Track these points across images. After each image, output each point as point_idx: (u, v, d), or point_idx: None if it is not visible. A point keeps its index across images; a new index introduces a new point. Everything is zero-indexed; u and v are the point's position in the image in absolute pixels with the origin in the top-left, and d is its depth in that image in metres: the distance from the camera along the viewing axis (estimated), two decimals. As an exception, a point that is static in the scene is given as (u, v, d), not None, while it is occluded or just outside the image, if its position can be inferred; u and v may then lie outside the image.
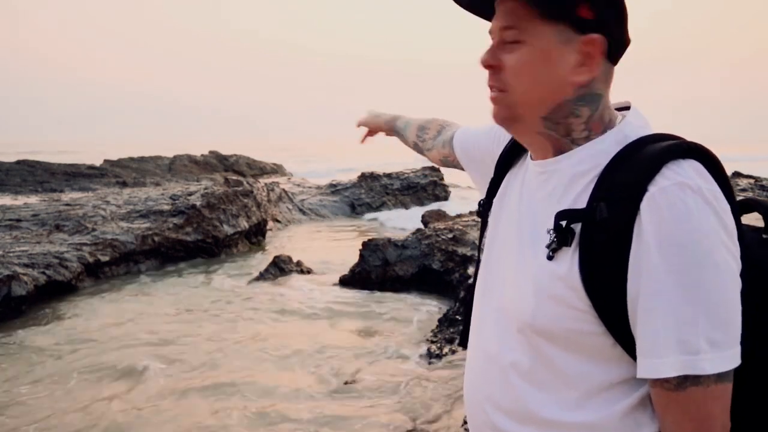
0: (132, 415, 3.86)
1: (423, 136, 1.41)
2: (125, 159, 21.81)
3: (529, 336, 0.87)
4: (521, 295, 0.87)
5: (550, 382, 0.86)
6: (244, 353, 4.99)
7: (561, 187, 0.87)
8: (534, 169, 0.93)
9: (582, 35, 0.83)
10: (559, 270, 0.82)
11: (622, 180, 0.79)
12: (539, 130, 0.89)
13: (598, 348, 0.83)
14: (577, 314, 0.82)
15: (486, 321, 0.97)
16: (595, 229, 0.79)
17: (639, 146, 0.82)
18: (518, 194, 0.96)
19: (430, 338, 4.98)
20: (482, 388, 0.96)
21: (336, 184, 15.91)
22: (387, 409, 3.75)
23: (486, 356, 0.95)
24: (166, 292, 6.95)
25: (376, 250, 6.96)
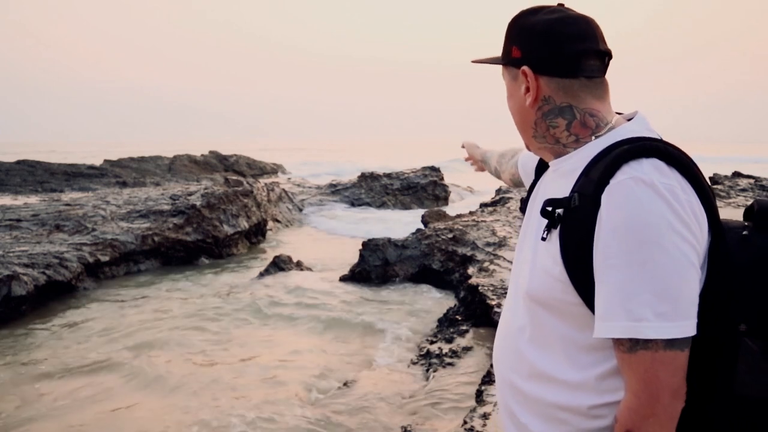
0: (127, 415, 3.87)
1: (501, 161, 1.70)
2: (125, 159, 21.80)
3: (528, 304, 1.06)
4: (525, 270, 1.07)
5: (545, 344, 1.04)
6: (240, 355, 4.99)
7: (559, 182, 1.06)
8: (550, 169, 1.15)
9: (518, 70, 1.07)
10: (549, 248, 1.00)
11: (592, 175, 0.96)
12: (537, 146, 1.13)
13: (577, 315, 0.98)
14: (561, 286, 0.98)
15: (510, 296, 1.19)
16: (570, 215, 0.97)
17: (614, 148, 0.98)
18: (541, 192, 1.17)
19: (430, 338, 4.97)
20: (501, 351, 1.17)
21: (336, 184, 15.91)
22: (385, 411, 3.75)
23: (505, 325, 1.17)
24: (165, 292, 6.95)
25: (376, 249, 6.96)
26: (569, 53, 1.02)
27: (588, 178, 0.96)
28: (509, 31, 1.10)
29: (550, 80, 1.04)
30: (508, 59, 1.09)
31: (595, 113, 1.05)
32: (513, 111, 1.12)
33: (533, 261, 1.05)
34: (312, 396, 4.09)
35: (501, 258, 5.95)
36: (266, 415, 3.81)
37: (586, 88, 1.04)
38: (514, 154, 1.63)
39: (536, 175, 1.26)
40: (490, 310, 4.68)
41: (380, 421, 3.60)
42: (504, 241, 6.46)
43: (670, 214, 0.88)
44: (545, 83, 1.05)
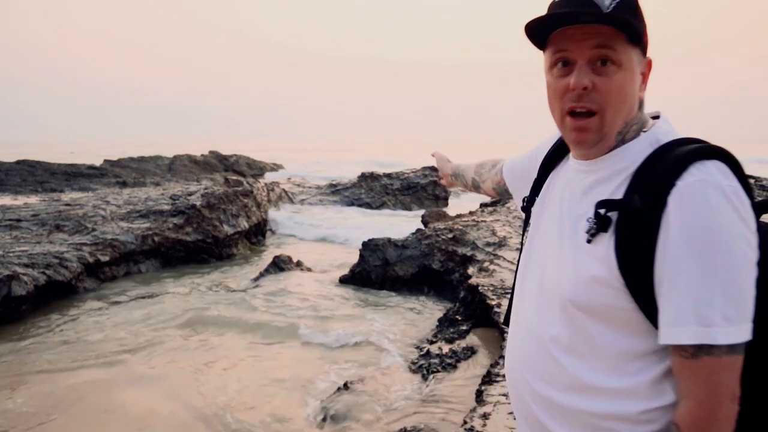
0: (125, 416, 3.86)
1: (480, 171, 1.60)
2: (125, 159, 21.82)
3: (570, 312, 1.00)
4: (564, 276, 1.00)
5: (587, 353, 0.99)
6: (239, 356, 4.99)
7: (601, 181, 1.00)
8: (577, 168, 1.06)
9: (644, 57, 0.99)
10: (597, 252, 0.95)
11: (654, 176, 0.92)
12: (611, 143, 1.01)
13: (629, 321, 0.95)
14: (612, 291, 0.94)
15: (526, 302, 1.11)
16: (629, 217, 0.92)
17: (670, 148, 0.95)
18: (561, 190, 1.10)
19: (430, 339, 4.97)
20: (524, 360, 1.09)
21: (336, 184, 15.92)
22: (385, 412, 3.75)
23: (527, 332, 1.09)
24: (165, 293, 6.94)
25: (376, 250, 6.95)
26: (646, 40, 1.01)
27: (649, 178, 0.92)
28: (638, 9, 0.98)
29: None
30: (640, 40, 0.98)
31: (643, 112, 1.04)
32: (627, 98, 0.98)
33: (575, 265, 0.98)
34: (312, 397, 4.09)
35: (501, 258, 5.95)
36: (266, 416, 3.81)
37: None
38: (495, 163, 1.55)
39: (542, 171, 1.20)
40: (490, 310, 4.68)
41: (380, 421, 3.60)
42: (504, 241, 6.46)
43: (737, 217, 0.87)
44: None
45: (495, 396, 3.22)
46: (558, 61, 0.99)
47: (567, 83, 0.97)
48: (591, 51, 0.95)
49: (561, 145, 1.16)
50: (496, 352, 4.11)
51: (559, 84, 0.99)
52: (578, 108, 0.97)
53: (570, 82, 0.96)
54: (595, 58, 0.95)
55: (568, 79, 0.97)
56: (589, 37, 0.95)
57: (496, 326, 4.47)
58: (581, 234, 0.99)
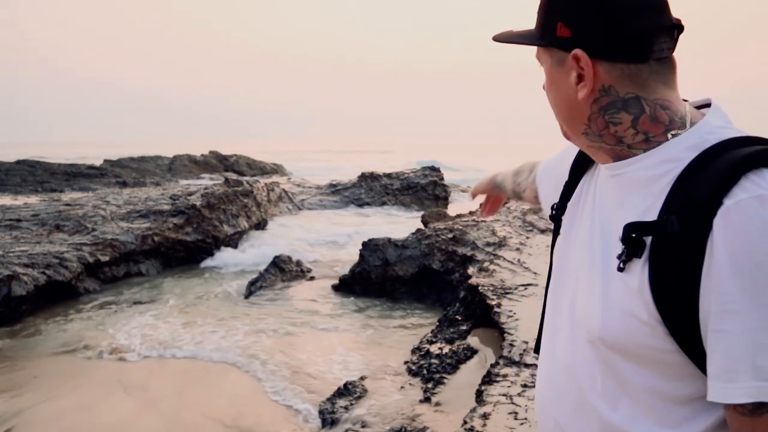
0: (124, 416, 3.86)
1: (518, 180, 1.41)
2: (125, 159, 21.82)
3: (600, 349, 0.84)
4: (592, 307, 0.84)
5: (623, 397, 0.83)
6: (238, 357, 4.99)
7: (630, 194, 0.84)
8: (605, 172, 0.91)
9: (568, 53, 0.84)
10: (630, 282, 0.79)
11: (696, 192, 0.74)
12: (588, 144, 0.90)
13: (670, 364, 0.79)
14: (648, 329, 0.78)
15: (558, 329, 0.96)
16: (665, 242, 0.75)
17: (717, 152, 0.76)
18: (592, 199, 0.94)
19: (430, 339, 4.97)
20: (553, 397, 0.95)
21: (336, 184, 15.91)
22: (385, 412, 3.75)
23: (558, 366, 0.94)
24: (165, 294, 6.94)
25: (376, 250, 6.95)
26: (636, 31, 0.80)
27: (689, 194, 0.74)
28: (550, 2, 0.86)
29: (611, 66, 0.82)
30: (551, 39, 0.85)
31: (668, 104, 0.83)
32: (557, 102, 0.89)
33: (604, 294, 0.82)
34: (311, 398, 4.09)
35: (501, 258, 5.95)
36: (266, 416, 3.81)
37: (656, 75, 0.82)
38: (532, 168, 1.36)
39: (573, 174, 1.04)
40: (490, 310, 4.67)
41: (380, 422, 3.60)
42: (504, 241, 6.46)
43: None
44: (604, 70, 0.82)
45: (495, 396, 3.22)
46: None
47: None
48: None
49: None
50: (497, 353, 4.10)
51: None
52: None
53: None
54: None
55: None
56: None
57: (496, 326, 4.46)
58: (612, 257, 0.82)
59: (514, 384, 3.32)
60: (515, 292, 4.90)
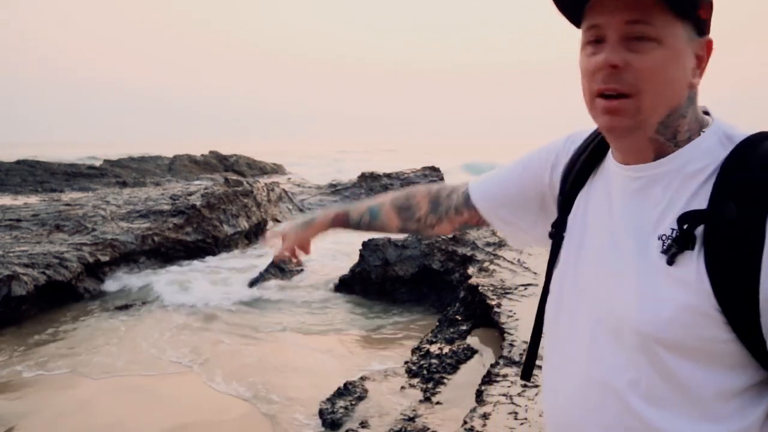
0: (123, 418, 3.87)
1: (412, 215, 1.26)
2: (125, 159, 21.82)
3: (651, 351, 0.82)
4: (639, 308, 0.82)
5: (674, 398, 0.82)
6: (236, 359, 4.99)
7: (670, 190, 0.83)
8: (627, 175, 0.88)
9: (699, 37, 0.83)
10: (685, 276, 0.79)
11: (748, 178, 0.76)
12: (650, 136, 0.85)
13: (726, 355, 0.79)
14: (708, 321, 0.78)
15: (576, 343, 0.92)
16: (722, 230, 0.76)
17: (754, 144, 0.79)
18: (607, 205, 0.92)
19: (430, 339, 4.97)
20: (585, 413, 0.90)
21: (336, 184, 15.92)
22: (385, 412, 3.75)
23: (587, 378, 0.89)
24: (163, 294, 6.94)
25: (376, 249, 6.95)
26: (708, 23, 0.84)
27: (741, 182, 0.76)
28: None
29: None
30: (695, 15, 0.81)
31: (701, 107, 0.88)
32: (668, 81, 0.81)
33: (653, 294, 0.81)
34: (310, 399, 4.09)
35: (501, 258, 5.95)
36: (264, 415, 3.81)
37: None
38: (433, 198, 1.23)
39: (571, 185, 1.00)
40: (490, 310, 4.68)
41: (380, 422, 3.60)
42: (504, 241, 6.47)
43: None
44: None
45: (495, 396, 3.22)
46: (591, 38, 0.84)
47: (597, 62, 0.82)
48: (624, 26, 0.79)
49: (588, 153, 0.99)
50: (497, 353, 4.10)
51: (590, 63, 0.83)
52: (606, 90, 0.82)
53: (599, 59, 0.81)
54: (630, 34, 0.80)
55: (598, 57, 0.82)
56: (623, 8, 0.79)
57: (496, 326, 4.47)
58: (653, 254, 0.82)
59: (514, 384, 3.32)
60: (515, 292, 4.90)
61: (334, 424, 3.60)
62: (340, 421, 3.60)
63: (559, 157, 1.05)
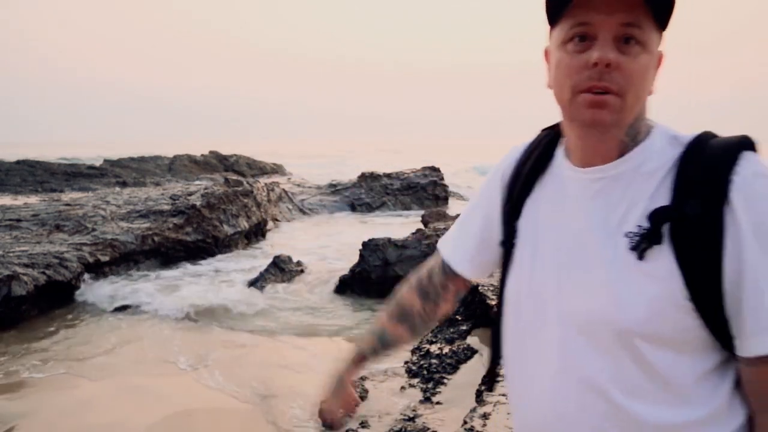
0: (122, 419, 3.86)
1: (412, 317, 1.27)
2: (125, 159, 21.83)
3: (630, 344, 0.84)
4: (619, 303, 0.84)
5: (653, 389, 0.85)
6: (235, 360, 4.99)
7: (630, 189, 0.87)
8: (586, 177, 0.91)
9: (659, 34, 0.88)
10: (655, 269, 0.83)
11: (704, 175, 0.82)
12: (621, 136, 0.88)
13: (696, 340, 0.84)
14: (680, 311, 0.82)
15: (545, 347, 0.93)
16: (687, 224, 0.81)
17: (702, 143, 0.85)
18: (564, 209, 0.94)
19: (430, 339, 4.97)
20: (572, 417, 0.90)
21: (336, 183, 15.91)
22: (385, 412, 3.75)
23: (565, 382, 0.90)
24: (164, 295, 6.94)
25: (376, 250, 6.95)
26: None
27: (699, 178, 0.82)
28: None
29: None
30: (665, 26, 0.85)
31: None
32: (645, 85, 0.86)
33: (627, 289, 0.84)
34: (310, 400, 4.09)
35: (501, 258, 5.95)
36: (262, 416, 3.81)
37: None
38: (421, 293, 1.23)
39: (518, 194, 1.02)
40: (490, 310, 4.67)
41: (380, 422, 3.60)
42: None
43: None
44: None
45: (495, 396, 3.21)
46: (576, 35, 0.84)
47: (585, 59, 0.83)
48: (619, 27, 0.82)
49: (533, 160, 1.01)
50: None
51: (575, 60, 0.84)
52: (598, 87, 0.83)
53: (592, 56, 0.82)
54: (621, 35, 0.82)
55: (586, 55, 0.83)
56: (619, 10, 0.81)
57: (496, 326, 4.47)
58: (621, 252, 0.85)
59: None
60: (515, 292, 4.90)
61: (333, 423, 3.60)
62: (340, 421, 3.60)
63: (504, 174, 1.07)
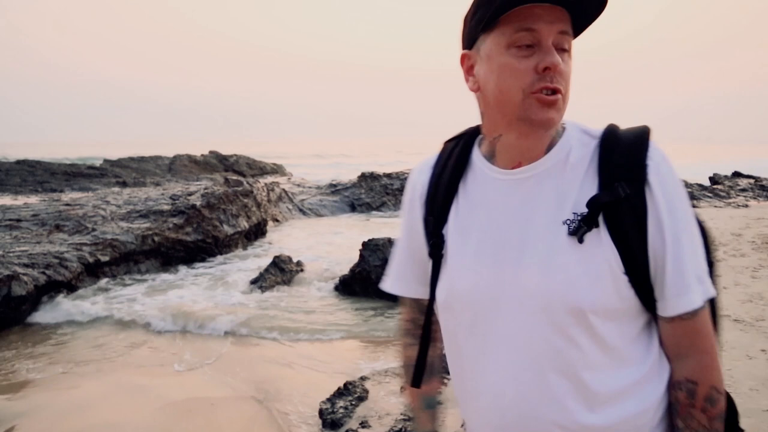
0: (121, 418, 3.86)
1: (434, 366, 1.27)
2: (125, 159, 21.83)
3: (586, 322, 0.92)
4: (571, 286, 0.91)
5: (604, 359, 0.94)
6: (233, 362, 4.98)
7: (561, 181, 0.96)
8: (516, 177, 0.98)
9: None
10: (596, 250, 0.92)
11: (626, 161, 0.93)
12: (552, 134, 0.99)
13: (631, 308, 0.95)
14: (619, 283, 0.92)
15: (499, 339, 0.97)
16: (618, 206, 0.91)
17: (615, 134, 0.97)
18: (496, 209, 1.00)
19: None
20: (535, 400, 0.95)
21: (336, 184, 15.91)
22: (385, 412, 3.75)
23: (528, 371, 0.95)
24: (164, 295, 6.94)
25: (376, 250, 6.95)
26: None
27: (620, 165, 0.92)
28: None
29: None
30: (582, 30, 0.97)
31: None
32: (570, 84, 0.96)
33: (573, 272, 0.91)
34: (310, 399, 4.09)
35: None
36: (262, 416, 3.81)
37: None
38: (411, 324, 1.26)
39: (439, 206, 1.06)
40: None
41: (380, 423, 3.60)
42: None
43: None
44: None
45: None
46: (524, 41, 0.91)
47: (534, 63, 0.91)
48: (557, 35, 0.92)
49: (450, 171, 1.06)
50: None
51: (523, 64, 0.91)
52: (551, 88, 0.91)
53: (545, 61, 0.90)
54: (559, 43, 0.92)
55: (535, 59, 0.91)
56: (557, 19, 0.91)
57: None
58: (562, 238, 0.92)
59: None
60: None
61: (334, 424, 3.59)
62: (340, 421, 3.60)
63: (419, 191, 1.12)
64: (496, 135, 1.00)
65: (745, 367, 3.73)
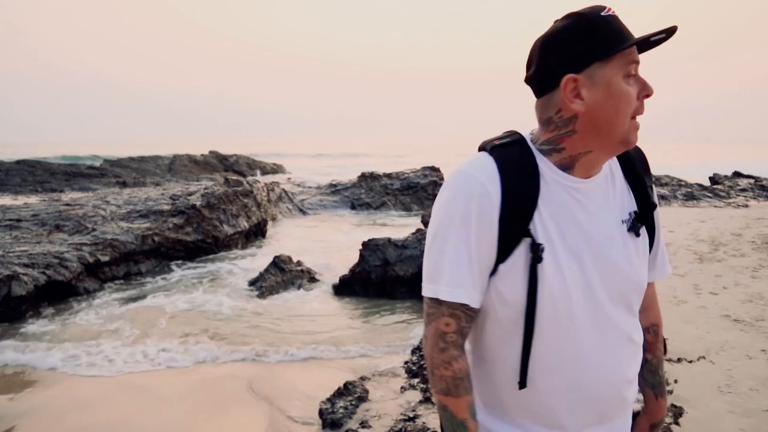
0: (121, 418, 3.86)
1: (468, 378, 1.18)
2: (125, 159, 21.83)
3: (640, 296, 1.19)
4: (633, 273, 1.14)
5: (637, 322, 1.20)
6: (234, 362, 4.99)
7: (612, 188, 1.18)
8: (593, 185, 1.14)
9: None
10: (643, 240, 1.18)
11: (643, 168, 1.22)
12: None
13: None
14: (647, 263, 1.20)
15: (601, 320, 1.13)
16: (650, 209, 1.19)
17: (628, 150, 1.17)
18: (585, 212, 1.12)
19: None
20: (624, 365, 1.15)
21: (336, 183, 15.91)
22: (385, 412, 3.75)
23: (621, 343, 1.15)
24: (163, 295, 6.94)
25: (376, 250, 6.95)
26: None
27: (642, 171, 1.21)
28: None
29: None
30: None
31: None
32: None
33: (636, 260, 1.15)
34: (310, 399, 4.09)
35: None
36: (261, 416, 3.81)
37: None
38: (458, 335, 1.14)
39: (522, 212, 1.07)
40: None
41: (380, 423, 3.60)
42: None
43: None
44: None
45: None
46: (632, 70, 1.06)
47: (636, 91, 1.07)
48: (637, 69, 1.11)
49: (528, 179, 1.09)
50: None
51: (633, 92, 1.06)
52: (641, 113, 1.09)
53: (651, 89, 1.07)
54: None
55: (635, 88, 1.06)
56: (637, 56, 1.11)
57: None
58: (625, 234, 1.14)
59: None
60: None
61: (334, 424, 3.59)
62: (340, 421, 3.60)
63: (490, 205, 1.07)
64: (583, 151, 1.10)
65: (745, 367, 3.73)
